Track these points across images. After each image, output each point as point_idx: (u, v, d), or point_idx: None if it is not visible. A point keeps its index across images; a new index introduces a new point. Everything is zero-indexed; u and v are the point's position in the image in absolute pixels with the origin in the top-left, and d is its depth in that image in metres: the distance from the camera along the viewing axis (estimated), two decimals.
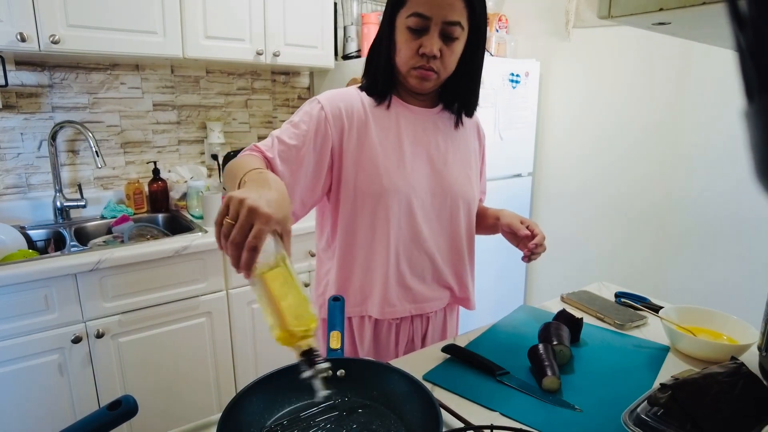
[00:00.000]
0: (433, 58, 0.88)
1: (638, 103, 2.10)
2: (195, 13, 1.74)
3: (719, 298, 1.92)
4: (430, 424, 0.62)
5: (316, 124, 0.92)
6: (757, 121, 0.25)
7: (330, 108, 0.93)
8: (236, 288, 1.72)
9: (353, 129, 0.93)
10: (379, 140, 0.94)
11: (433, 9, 0.85)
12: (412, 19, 0.87)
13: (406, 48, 0.89)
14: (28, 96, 1.77)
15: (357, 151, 0.93)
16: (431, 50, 0.87)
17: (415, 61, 0.89)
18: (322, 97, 0.95)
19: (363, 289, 0.99)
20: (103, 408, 0.55)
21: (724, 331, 0.98)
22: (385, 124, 0.96)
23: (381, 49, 0.94)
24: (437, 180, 0.98)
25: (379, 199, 0.93)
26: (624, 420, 0.67)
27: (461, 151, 1.03)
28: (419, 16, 0.86)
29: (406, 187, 0.94)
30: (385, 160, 0.94)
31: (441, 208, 1.00)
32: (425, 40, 0.87)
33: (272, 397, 0.70)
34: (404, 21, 0.88)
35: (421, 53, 0.88)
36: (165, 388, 1.63)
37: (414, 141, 0.97)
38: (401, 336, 1.04)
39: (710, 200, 1.91)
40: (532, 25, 2.46)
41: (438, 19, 0.86)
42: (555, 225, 2.52)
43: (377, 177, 0.93)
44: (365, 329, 1.02)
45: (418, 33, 0.87)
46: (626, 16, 0.66)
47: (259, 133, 2.34)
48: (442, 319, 1.09)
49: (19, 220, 1.76)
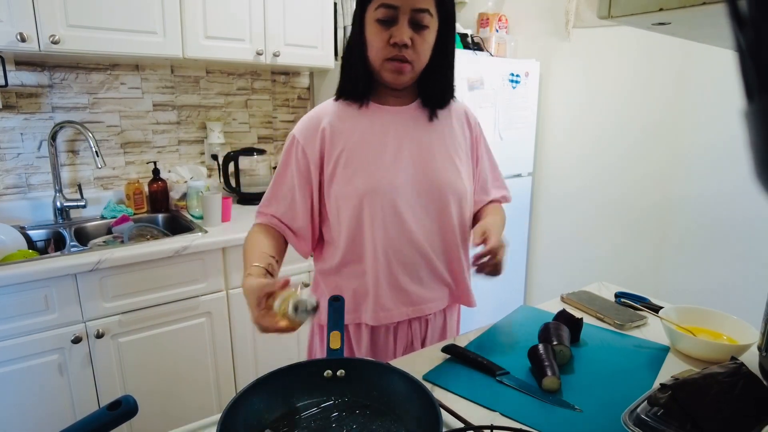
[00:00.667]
0: (404, 46, 0.87)
1: (638, 103, 2.10)
2: (195, 13, 1.74)
3: (719, 298, 1.92)
4: (430, 425, 0.62)
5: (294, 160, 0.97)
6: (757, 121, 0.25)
7: (303, 137, 0.96)
8: (236, 288, 1.72)
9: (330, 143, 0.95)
10: (356, 144, 0.94)
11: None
12: (381, 10, 0.86)
13: (377, 40, 0.88)
14: (28, 96, 1.77)
15: (335, 160, 0.94)
16: (401, 38, 0.86)
17: (386, 52, 0.89)
18: (296, 129, 0.99)
19: (355, 296, 0.99)
20: (103, 408, 0.55)
21: (723, 331, 0.98)
22: (362, 127, 0.96)
23: (354, 50, 0.94)
24: (422, 176, 0.96)
25: (359, 202, 0.93)
26: (624, 420, 0.67)
27: (446, 144, 1.00)
28: (387, 6, 0.86)
29: (388, 186, 0.93)
30: (362, 163, 0.93)
31: (429, 204, 0.98)
32: (395, 30, 0.87)
33: (272, 398, 0.70)
34: (373, 14, 0.88)
35: (392, 43, 0.87)
36: (165, 389, 1.63)
37: (394, 140, 0.96)
38: (399, 341, 1.03)
39: (710, 200, 1.91)
40: (532, 25, 2.46)
41: (406, 7, 0.86)
42: (555, 225, 2.52)
43: (354, 180, 0.93)
44: (362, 336, 1.01)
45: (387, 24, 0.87)
46: (626, 16, 0.66)
47: (258, 133, 2.34)
48: (441, 322, 1.08)
49: (19, 220, 1.76)
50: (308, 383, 0.73)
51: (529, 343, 0.90)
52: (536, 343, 0.89)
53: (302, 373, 0.73)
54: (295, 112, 2.44)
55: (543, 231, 2.59)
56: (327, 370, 0.74)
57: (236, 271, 1.70)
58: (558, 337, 0.91)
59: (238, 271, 1.71)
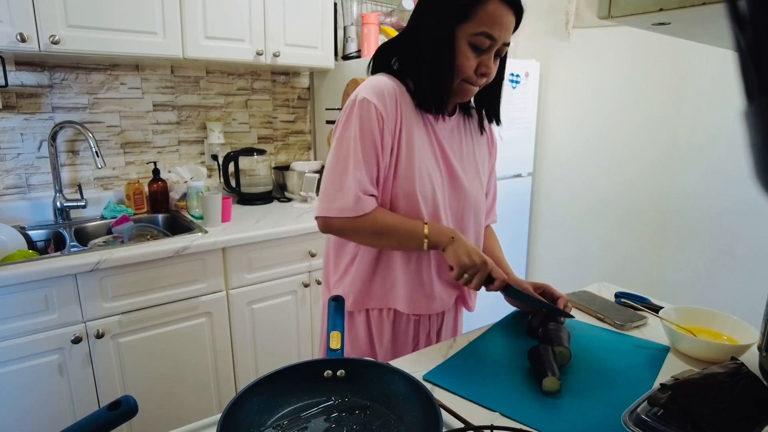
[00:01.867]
0: (487, 76, 0.91)
1: (638, 103, 2.10)
2: (195, 13, 1.74)
3: (719, 298, 1.92)
4: (431, 425, 0.62)
5: (376, 126, 0.90)
6: (757, 122, 0.25)
7: (379, 102, 0.90)
8: (236, 288, 1.72)
9: (401, 129, 0.94)
10: (418, 143, 0.95)
11: (501, 31, 0.87)
12: (480, 38, 0.87)
13: (466, 65, 0.89)
14: (28, 96, 1.77)
15: (399, 150, 0.94)
16: (490, 71, 0.90)
17: (470, 76, 0.90)
18: (367, 94, 0.90)
19: (385, 283, 1.00)
20: (103, 408, 0.55)
21: (724, 332, 0.97)
22: (420, 128, 0.97)
23: (445, 65, 0.89)
24: (457, 184, 1.00)
25: (410, 200, 0.94)
26: (624, 420, 0.67)
27: (476, 157, 1.06)
28: (488, 36, 0.87)
29: (436, 190, 0.96)
30: (420, 163, 0.94)
31: (458, 212, 1.02)
32: (486, 59, 0.89)
33: (272, 398, 0.70)
34: (468, 37, 0.87)
35: (481, 73, 0.90)
36: (165, 389, 1.63)
37: (440, 147, 0.98)
38: (421, 331, 1.06)
39: (711, 201, 1.91)
40: (532, 26, 2.46)
41: (500, 40, 0.88)
42: (555, 225, 2.52)
43: (413, 179, 0.94)
44: (384, 323, 1.03)
45: (479, 51, 0.88)
46: (626, 16, 0.66)
47: (259, 134, 2.34)
48: (453, 316, 1.13)
49: (19, 220, 1.76)
50: (308, 383, 0.73)
51: (529, 344, 0.90)
52: (536, 344, 0.89)
53: (302, 374, 0.73)
54: (295, 113, 2.44)
55: (543, 231, 2.59)
56: (327, 370, 0.74)
57: (236, 271, 1.71)
58: (558, 339, 0.91)
59: (238, 271, 1.71)
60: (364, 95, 0.90)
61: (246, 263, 1.72)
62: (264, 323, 1.81)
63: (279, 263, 1.80)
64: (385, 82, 0.92)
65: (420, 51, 0.92)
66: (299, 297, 1.88)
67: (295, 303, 1.88)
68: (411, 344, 1.06)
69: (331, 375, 0.74)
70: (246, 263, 1.72)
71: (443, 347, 0.97)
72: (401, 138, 0.92)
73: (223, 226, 1.77)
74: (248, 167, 2.15)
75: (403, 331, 1.05)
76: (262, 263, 1.76)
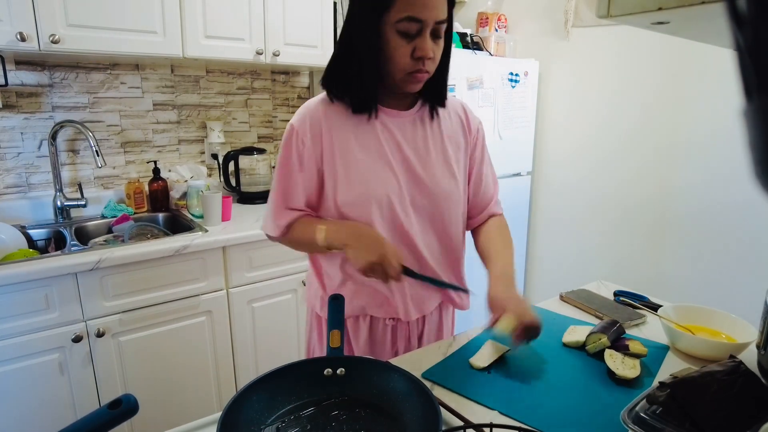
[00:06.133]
0: (429, 59, 0.86)
1: (637, 102, 2.10)
2: (195, 12, 1.74)
3: (718, 296, 1.92)
4: (430, 423, 0.62)
5: (294, 150, 0.94)
6: (756, 121, 0.26)
7: (300, 127, 0.94)
8: (236, 287, 1.72)
9: (329, 141, 0.93)
10: (360, 150, 0.93)
11: (427, 11, 0.82)
12: (404, 24, 0.83)
13: (400, 54, 0.85)
14: (28, 96, 1.77)
15: (334, 161, 0.93)
16: (428, 53, 0.85)
17: (410, 66, 0.86)
18: (294, 120, 0.96)
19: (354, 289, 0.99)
20: (104, 407, 0.55)
21: (722, 330, 0.98)
22: (367, 132, 0.94)
23: (366, 62, 0.88)
24: (421, 181, 0.96)
25: (360, 207, 0.92)
26: (623, 418, 0.67)
27: (444, 148, 1.00)
28: (413, 20, 0.82)
29: (389, 192, 0.93)
30: (366, 169, 0.92)
31: (426, 208, 0.98)
32: (419, 42, 0.84)
33: (272, 396, 0.70)
34: (393, 26, 0.84)
35: (418, 56, 0.85)
36: (165, 387, 1.64)
37: (396, 146, 0.95)
38: (399, 336, 1.04)
39: (710, 199, 1.91)
40: (531, 25, 2.46)
41: (430, 20, 0.83)
42: (554, 224, 2.52)
43: (357, 186, 0.92)
44: (360, 330, 1.02)
45: (410, 37, 0.84)
46: (625, 15, 0.66)
47: (258, 133, 2.34)
48: (437, 319, 1.09)
49: (19, 219, 1.76)
50: (308, 382, 0.73)
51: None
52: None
53: (302, 372, 0.73)
54: (294, 112, 2.44)
55: (542, 230, 2.59)
56: (327, 369, 0.74)
57: (236, 269, 1.71)
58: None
59: (238, 270, 1.71)
60: (291, 121, 0.96)
61: (246, 262, 1.72)
62: (264, 322, 1.81)
63: (279, 262, 1.80)
64: (309, 104, 0.97)
65: (356, 53, 0.89)
66: (299, 295, 1.88)
67: (295, 301, 1.88)
68: (390, 351, 1.03)
69: (331, 373, 0.74)
70: (246, 262, 1.72)
71: (443, 345, 0.97)
72: (334, 151, 0.93)
73: (223, 225, 1.77)
74: (248, 166, 2.15)
75: (380, 336, 1.02)
76: (262, 262, 1.76)
